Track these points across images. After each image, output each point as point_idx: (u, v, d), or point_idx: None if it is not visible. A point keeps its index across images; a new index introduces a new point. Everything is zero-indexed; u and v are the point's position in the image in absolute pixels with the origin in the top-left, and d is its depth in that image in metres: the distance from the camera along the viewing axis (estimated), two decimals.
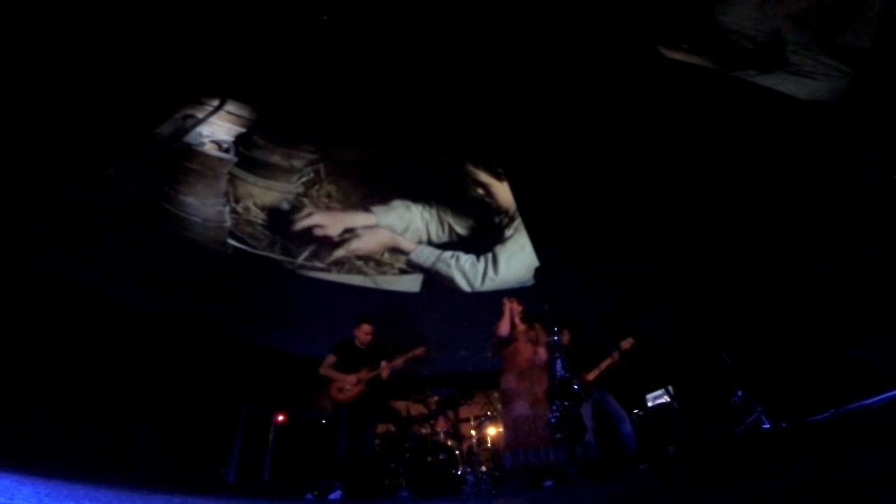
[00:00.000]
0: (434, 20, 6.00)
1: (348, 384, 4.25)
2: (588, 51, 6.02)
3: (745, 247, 5.55)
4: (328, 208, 7.15)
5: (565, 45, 6.06)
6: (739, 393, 3.93)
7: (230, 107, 6.62)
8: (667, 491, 2.31)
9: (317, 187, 7.14)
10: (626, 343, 4.28)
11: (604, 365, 4.27)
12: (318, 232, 7.03)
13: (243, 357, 5.61)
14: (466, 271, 7.48)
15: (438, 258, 7.42)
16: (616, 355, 4.27)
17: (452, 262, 7.46)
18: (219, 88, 6.49)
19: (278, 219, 6.84)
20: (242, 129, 6.75)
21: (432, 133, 7.32)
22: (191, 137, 6.40)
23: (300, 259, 6.84)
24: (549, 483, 3.36)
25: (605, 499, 2.53)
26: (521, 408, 3.64)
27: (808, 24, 4.80)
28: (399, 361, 4.42)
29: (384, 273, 7.22)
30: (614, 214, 6.61)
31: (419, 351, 4.50)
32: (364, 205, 7.34)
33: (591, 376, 4.22)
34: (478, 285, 7.47)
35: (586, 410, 4.04)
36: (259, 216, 6.71)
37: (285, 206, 6.92)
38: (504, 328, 3.96)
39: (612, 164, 6.49)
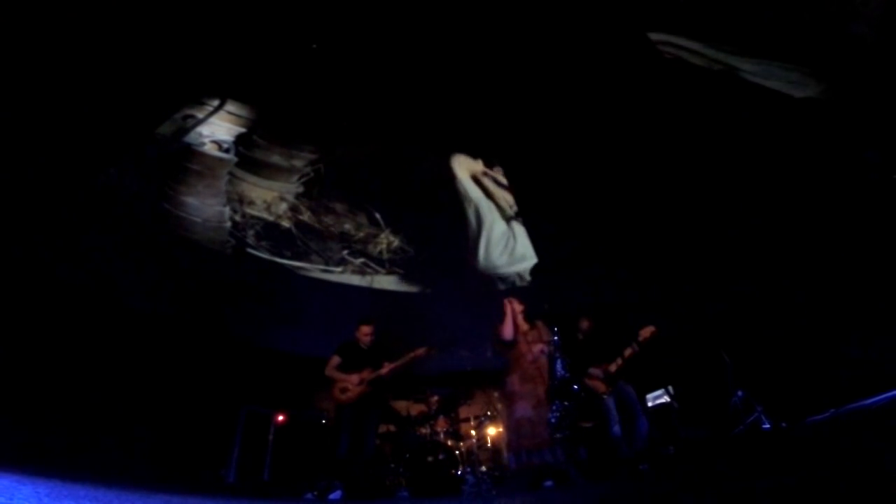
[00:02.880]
0: (435, 20, 6.00)
1: (351, 385, 4.25)
2: (588, 49, 6.02)
3: (746, 246, 5.55)
4: (327, 208, 7.15)
5: (565, 44, 6.07)
6: (739, 393, 3.93)
7: (230, 107, 6.62)
8: (667, 491, 2.31)
9: (317, 187, 7.14)
10: (647, 331, 4.13)
11: (626, 354, 4.14)
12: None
13: (243, 357, 5.60)
14: (492, 238, 7.49)
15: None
16: (635, 346, 4.13)
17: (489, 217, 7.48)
18: (219, 88, 6.49)
19: (278, 218, 6.84)
20: (243, 129, 6.75)
21: (433, 133, 7.31)
22: (191, 137, 6.40)
23: (299, 259, 6.84)
24: (549, 483, 3.36)
25: (605, 499, 2.53)
26: (523, 409, 3.65)
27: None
28: (400, 362, 4.42)
29: (384, 273, 7.22)
30: (614, 212, 6.61)
31: (420, 351, 4.50)
32: (362, 204, 7.32)
33: (613, 367, 4.13)
34: (493, 258, 7.46)
35: (610, 402, 4.01)
36: (259, 216, 6.70)
37: (285, 205, 6.92)
38: (507, 331, 3.94)
39: (612, 163, 6.49)
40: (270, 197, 6.85)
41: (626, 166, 6.38)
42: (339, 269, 7.03)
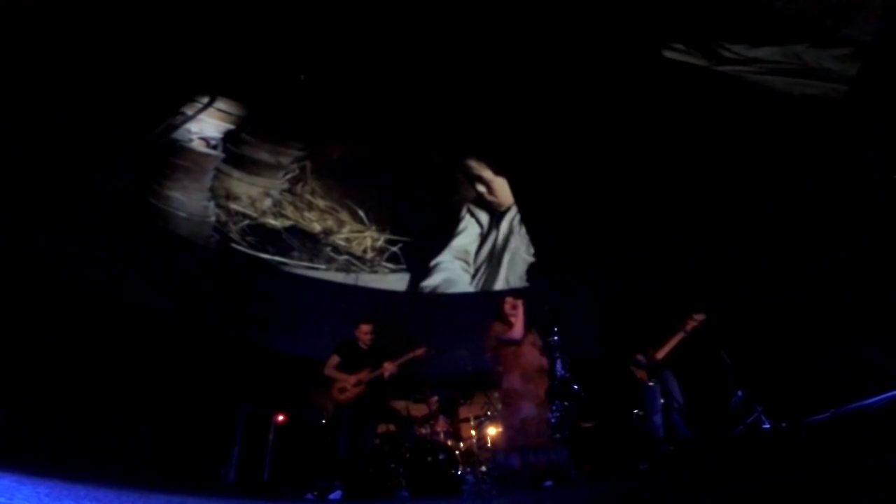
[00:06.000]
0: (431, 18, 6.00)
1: (349, 384, 4.25)
2: (588, 47, 6.02)
3: (746, 246, 5.55)
4: (310, 205, 7.15)
5: (565, 42, 6.06)
6: (739, 393, 3.92)
7: (220, 104, 6.62)
8: (667, 491, 2.31)
9: (301, 184, 7.15)
10: (696, 318, 4.07)
11: (673, 341, 4.08)
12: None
13: (243, 357, 5.60)
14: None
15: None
16: (687, 329, 4.07)
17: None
18: (209, 85, 6.48)
19: (262, 215, 6.84)
20: (231, 126, 6.75)
21: (426, 130, 7.30)
22: (179, 134, 6.40)
23: (283, 255, 6.84)
24: (549, 483, 3.36)
25: (605, 499, 2.53)
26: (528, 409, 3.67)
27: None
28: (400, 362, 4.42)
29: (372, 271, 7.21)
30: (614, 212, 6.61)
31: (419, 351, 4.50)
32: (344, 201, 7.31)
33: (661, 354, 4.07)
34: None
35: (655, 390, 4.00)
36: (243, 212, 6.70)
37: (270, 201, 6.92)
38: (519, 331, 3.94)
39: (613, 162, 6.49)
40: (255, 193, 6.85)
41: (628, 164, 6.38)
42: (324, 266, 7.03)
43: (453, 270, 7.43)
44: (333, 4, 5.88)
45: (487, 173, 7.82)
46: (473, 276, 7.53)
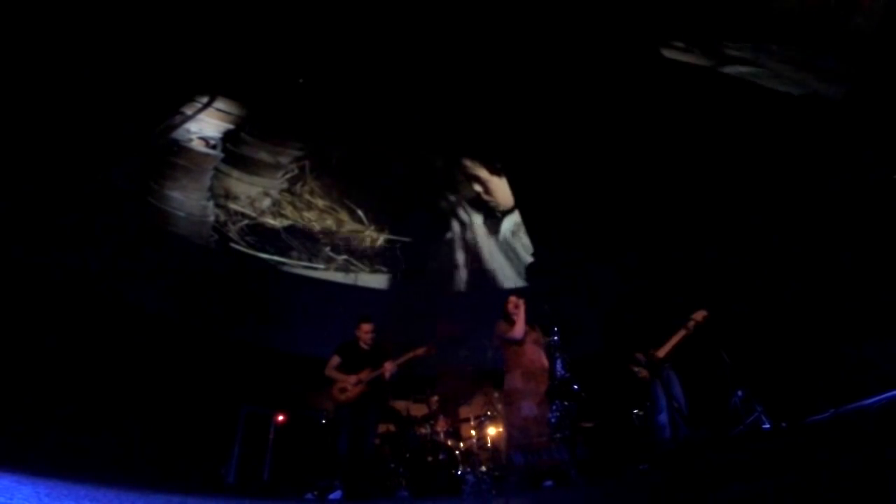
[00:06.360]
0: (430, 17, 6.00)
1: (350, 384, 4.25)
2: (589, 46, 6.02)
3: (745, 246, 5.55)
4: (309, 204, 7.15)
5: (565, 41, 6.06)
6: (739, 393, 3.91)
7: (220, 104, 6.62)
8: (667, 491, 2.31)
9: (300, 183, 7.14)
10: (699, 315, 4.04)
11: (675, 339, 4.04)
12: None
13: (243, 357, 5.60)
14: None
15: None
16: (690, 327, 4.03)
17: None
18: (209, 85, 6.48)
19: (261, 214, 6.84)
20: (231, 126, 6.75)
21: (426, 130, 7.30)
22: (179, 133, 6.41)
23: (282, 255, 6.84)
24: (549, 483, 3.37)
25: (605, 499, 2.53)
26: (529, 408, 3.68)
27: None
28: (400, 361, 4.42)
29: (368, 271, 7.21)
30: (614, 211, 6.61)
31: (420, 350, 4.50)
32: (343, 201, 7.30)
33: (662, 353, 4.03)
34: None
35: (658, 389, 3.98)
36: (242, 211, 6.70)
37: (269, 201, 6.92)
38: (521, 330, 3.95)
39: (613, 161, 6.49)
40: (254, 192, 6.86)
41: (628, 163, 6.38)
42: (323, 266, 7.02)
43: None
44: (333, 5, 5.87)
45: (483, 173, 7.82)
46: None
